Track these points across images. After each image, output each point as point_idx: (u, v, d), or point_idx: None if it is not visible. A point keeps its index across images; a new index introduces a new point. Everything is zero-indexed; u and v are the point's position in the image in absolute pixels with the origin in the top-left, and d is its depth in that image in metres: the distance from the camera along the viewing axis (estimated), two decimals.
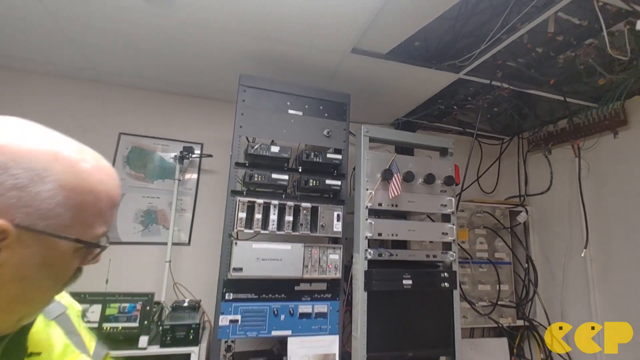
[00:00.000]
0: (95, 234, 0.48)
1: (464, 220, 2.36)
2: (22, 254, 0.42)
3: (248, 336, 1.39)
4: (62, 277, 0.49)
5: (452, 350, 1.67)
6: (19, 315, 0.47)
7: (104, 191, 0.49)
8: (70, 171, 0.46)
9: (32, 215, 0.42)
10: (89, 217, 0.47)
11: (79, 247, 0.47)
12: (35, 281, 0.45)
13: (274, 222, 1.43)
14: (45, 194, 0.43)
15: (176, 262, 1.98)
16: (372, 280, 1.55)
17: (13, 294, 0.44)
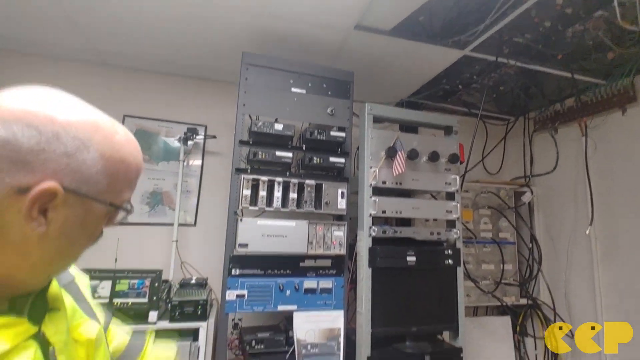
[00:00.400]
0: (123, 199, 0.55)
1: (468, 201, 2.36)
2: (67, 214, 0.47)
3: (254, 310, 1.42)
4: (93, 236, 0.54)
5: (456, 325, 1.69)
6: (55, 268, 0.53)
7: (133, 162, 0.55)
8: (107, 142, 0.51)
9: (78, 179, 0.47)
10: (120, 184, 0.52)
11: (111, 210, 0.53)
12: (74, 239, 0.50)
13: (278, 200, 1.44)
14: (90, 162, 0.48)
15: (183, 242, 2.01)
16: (377, 257, 1.56)
17: (57, 249, 0.49)
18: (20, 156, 0.43)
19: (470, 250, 2.30)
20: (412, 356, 1.57)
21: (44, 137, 0.45)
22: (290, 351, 1.46)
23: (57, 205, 0.46)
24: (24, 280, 0.49)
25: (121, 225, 1.75)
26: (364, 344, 1.52)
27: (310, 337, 1.47)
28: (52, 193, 0.45)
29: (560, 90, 2.22)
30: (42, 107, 0.47)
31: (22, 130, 0.44)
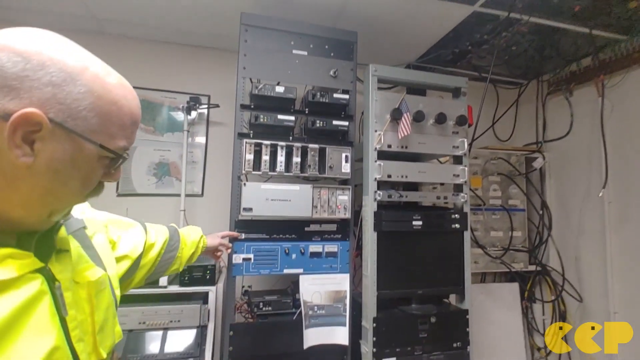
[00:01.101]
0: (117, 145, 0.53)
1: (477, 168, 2.32)
2: (54, 148, 0.47)
3: (261, 273, 1.44)
4: (87, 182, 0.54)
5: (462, 288, 1.69)
6: (50, 208, 0.52)
7: (126, 106, 0.54)
8: (98, 81, 0.50)
9: (64, 112, 0.47)
10: (112, 127, 0.52)
11: (103, 154, 0.52)
12: (65, 178, 0.50)
13: (281, 164, 1.42)
14: (76, 95, 0.48)
15: (190, 212, 2.03)
16: (382, 221, 1.56)
17: (46, 185, 0.48)
18: (6, 82, 0.44)
19: (478, 218, 2.28)
20: (417, 317, 1.59)
21: (30, 64, 0.45)
22: (297, 313, 1.48)
23: (44, 137, 0.46)
24: (21, 217, 0.50)
25: (130, 197, 1.83)
26: (369, 305, 1.54)
27: (317, 299, 1.50)
28: (36, 122, 0.45)
29: (576, 48, 2.11)
30: (32, 40, 0.47)
31: (9, 56, 0.44)
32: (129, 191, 2.00)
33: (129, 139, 0.56)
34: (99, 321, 0.59)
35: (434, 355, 1.60)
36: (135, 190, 2.01)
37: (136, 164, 2.03)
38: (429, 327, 1.61)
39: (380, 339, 1.53)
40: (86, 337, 0.56)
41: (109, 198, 1.95)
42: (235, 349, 1.40)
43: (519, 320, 2.35)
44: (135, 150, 2.03)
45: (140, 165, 2.04)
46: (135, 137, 0.59)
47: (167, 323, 1.55)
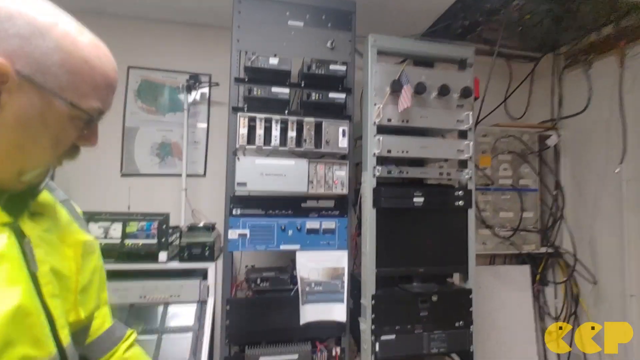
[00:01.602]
0: (90, 106, 0.52)
1: (486, 146, 2.22)
2: (22, 102, 0.46)
3: (257, 249, 1.44)
4: (59, 142, 0.52)
5: (466, 267, 1.64)
6: (19, 166, 0.50)
7: (99, 66, 0.52)
8: (68, 38, 0.49)
9: (32, 66, 0.46)
10: (84, 87, 0.50)
11: (74, 114, 0.50)
12: (34, 134, 0.49)
13: (276, 138, 1.40)
14: (45, 50, 0.47)
15: (193, 192, 2.04)
16: (381, 197, 1.51)
17: (14, 140, 0.47)
18: None
19: (487, 198, 2.20)
20: (418, 296, 1.56)
21: None
22: (294, 289, 1.48)
23: (10, 89, 0.45)
24: None
25: (133, 177, 1.80)
26: (368, 283, 1.51)
27: (314, 275, 1.48)
28: (1, 72, 0.44)
29: (596, 16, 1.96)
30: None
31: None
32: (132, 171, 2.02)
33: (103, 101, 0.54)
34: (82, 281, 0.59)
35: (435, 334, 1.56)
36: (138, 171, 2.03)
37: (139, 145, 2.04)
38: (430, 305, 1.57)
39: (379, 317, 1.51)
40: (67, 295, 0.56)
41: (113, 178, 1.97)
42: (232, 323, 1.41)
43: (530, 304, 2.28)
44: (138, 130, 2.04)
45: (143, 146, 2.05)
46: (111, 101, 0.57)
47: (167, 298, 1.57)
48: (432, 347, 1.56)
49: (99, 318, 0.72)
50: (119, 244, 1.52)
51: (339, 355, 1.49)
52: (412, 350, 1.54)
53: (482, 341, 2.15)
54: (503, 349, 2.19)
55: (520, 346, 2.21)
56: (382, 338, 1.50)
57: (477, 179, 2.15)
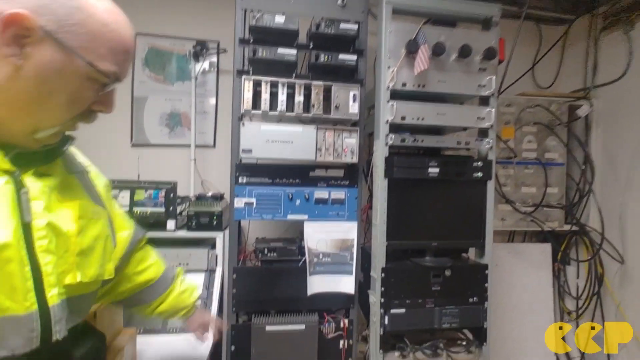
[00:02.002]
0: (107, 68, 0.54)
1: (510, 117, 2.08)
2: (44, 56, 0.48)
3: (264, 218, 1.40)
4: (75, 102, 0.54)
5: (482, 242, 1.56)
6: (35, 121, 0.52)
7: (117, 31, 0.55)
8: (90, 1, 0.52)
9: (55, 23, 0.48)
10: (101, 49, 0.52)
11: (92, 74, 0.53)
12: (52, 89, 0.51)
13: (283, 103, 1.33)
14: (68, 9, 0.49)
15: (203, 163, 2.02)
16: (393, 167, 1.44)
17: (33, 92, 0.50)
18: None
19: (508, 172, 2.08)
20: (430, 270, 1.50)
21: None
22: (302, 260, 1.44)
23: (34, 42, 0.48)
24: (4, 119, 0.50)
25: (144, 147, 1.79)
26: (378, 255, 1.46)
27: (322, 246, 1.44)
28: (27, 26, 0.47)
29: None
30: None
31: None
32: (142, 141, 2.01)
33: (120, 66, 0.56)
34: (82, 245, 0.58)
35: (447, 309, 1.51)
36: (148, 141, 2.02)
37: (148, 115, 2.02)
38: (443, 280, 1.51)
39: (389, 290, 1.47)
40: (64, 254, 0.55)
41: (123, 148, 1.97)
42: (238, 291, 1.40)
43: (549, 283, 2.19)
44: (147, 100, 2.01)
45: (153, 116, 2.03)
46: (127, 68, 0.59)
47: (176, 266, 1.57)
48: (443, 322, 1.51)
49: (151, 269, 0.90)
50: (128, 211, 1.52)
51: (347, 327, 1.47)
52: (422, 324, 1.50)
53: (496, 319, 2.09)
54: (519, 327, 2.12)
55: (537, 325, 2.14)
56: (391, 311, 1.47)
57: (499, 152, 2.03)
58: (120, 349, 1.09)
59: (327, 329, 1.45)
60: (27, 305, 0.48)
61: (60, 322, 0.52)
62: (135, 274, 0.87)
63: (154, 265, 0.92)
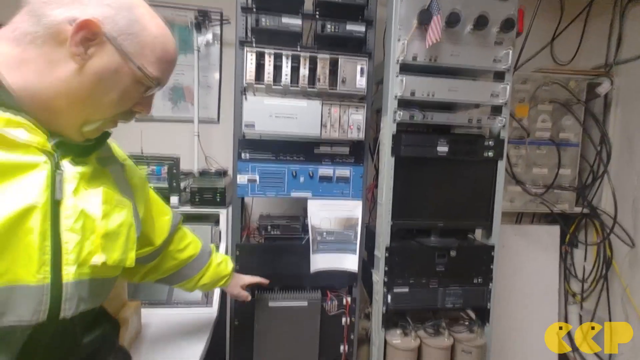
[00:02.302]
0: (153, 74, 0.61)
1: (525, 94, 1.99)
2: (104, 57, 0.56)
3: (267, 195, 1.38)
4: (122, 100, 0.61)
5: (490, 223, 1.53)
6: (86, 115, 0.59)
7: (165, 42, 0.63)
8: (146, 17, 0.60)
9: (116, 31, 0.57)
10: (150, 56, 0.60)
11: (139, 78, 0.60)
12: (107, 87, 0.58)
13: (287, 76, 1.27)
14: (128, 21, 0.58)
15: (206, 139, 1.99)
16: (401, 145, 1.39)
17: (91, 88, 0.57)
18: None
19: (520, 152, 2.01)
20: (435, 250, 1.48)
21: None
22: (306, 239, 1.43)
23: (97, 45, 0.55)
24: (61, 109, 0.56)
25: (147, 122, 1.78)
26: (383, 235, 1.45)
27: (326, 224, 1.43)
28: (94, 31, 0.54)
29: None
30: None
31: None
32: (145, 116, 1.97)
33: (162, 73, 0.63)
34: (107, 228, 0.60)
35: (450, 289, 1.51)
36: (151, 116, 1.98)
37: None
38: (448, 260, 1.50)
39: (393, 269, 1.46)
40: (89, 235, 0.57)
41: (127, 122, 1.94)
42: (241, 268, 1.40)
43: (556, 265, 2.16)
44: None
45: None
46: (168, 78, 0.67)
47: None
48: (447, 302, 1.51)
49: (190, 247, 1.02)
50: None
51: (349, 304, 1.47)
52: (425, 303, 1.50)
53: (501, 300, 2.09)
54: (522, 308, 2.12)
55: (541, 306, 2.13)
56: (394, 290, 1.46)
57: (511, 132, 1.96)
58: (125, 322, 1.11)
59: (329, 306, 1.46)
60: (40, 277, 0.49)
61: (70, 301, 0.53)
62: (178, 251, 0.99)
63: (192, 243, 1.04)
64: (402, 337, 1.49)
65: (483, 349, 1.52)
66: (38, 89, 0.54)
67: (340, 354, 1.50)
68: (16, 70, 0.53)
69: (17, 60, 0.53)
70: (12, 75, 0.52)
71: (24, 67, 0.53)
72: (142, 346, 1.16)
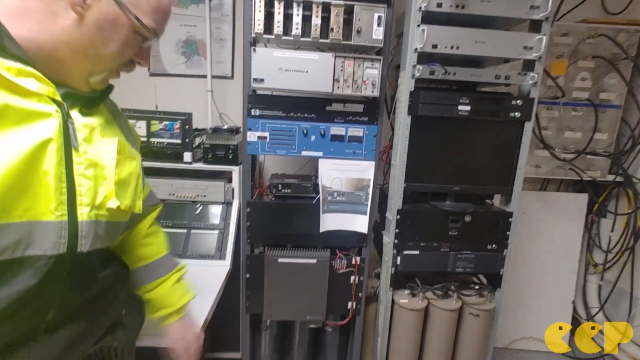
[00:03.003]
0: (149, 24, 0.62)
1: (564, 49, 1.80)
2: (102, 7, 0.57)
3: (277, 154, 1.36)
4: (123, 50, 0.62)
5: (509, 189, 1.46)
6: (91, 65, 0.61)
7: None
8: None
9: None
10: (146, 7, 0.61)
11: (137, 28, 0.61)
12: (107, 37, 0.59)
13: (297, 26, 1.19)
14: None
15: (220, 95, 1.96)
16: (419, 102, 1.31)
17: (92, 38, 0.58)
18: None
19: (552, 114, 1.86)
20: (449, 214, 1.44)
21: None
22: (317, 198, 1.42)
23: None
24: (66, 59, 0.58)
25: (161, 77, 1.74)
26: (395, 197, 1.41)
27: (337, 184, 1.40)
28: None
29: None
30: None
31: None
32: (159, 71, 1.95)
33: (157, 24, 0.64)
34: (120, 175, 0.64)
35: (462, 254, 1.48)
36: (165, 70, 1.95)
37: (163, 42, 1.92)
38: (462, 225, 1.46)
39: (404, 232, 1.44)
40: (103, 182, 0.61)
41: (141, 78, 1.92)
42: (252, 224, 1.42)
43: (579, 234, 2.07)
44: None
45: (168, 43, 1.93)
46: (163, 29, 0.67)
47: (194, 196, 1.62)
48: (457, 266, 1.49)
49: (155, 245, 0.88)
50: (146, 142, 1.53)
51: (358, 264, 1.48)
52: (435, 267, 1.49)
53: (516, 266, 2.06)
54: (538, 275, 2.08)
55: (558, 275, 2.08)
56: (404, 252, 1.46)
57: (544, 91, 1.81)
58: None
59: (338, 265, 1.47)
60: (58, 214, 0.54)
61: (86, 237, 0.58)
62: (141, 243, 0.85)
63: (159, 244, 0.89)
64: (409, 298, 1.51)
65: (491, 313, 1.52)
66: (42, 40, 0.55)
67: (348, 310, 1.54)
68: (19, 21, 0.54)
69: (19, 9, 0.54)
70: (15, 25, 0.53)
71: (26, 18, 0.54)
72: None
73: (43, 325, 0.57)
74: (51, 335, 0.59)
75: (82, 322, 0.64)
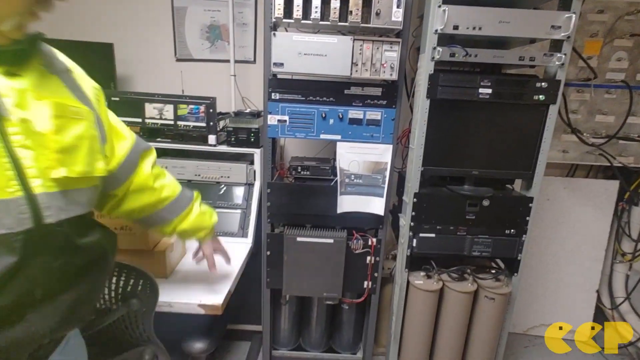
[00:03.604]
0: None
1: (599, 26, 1.71)
2: None
3: (296, 137, 1.40)
4: None
5: (531, 174, 1.43)
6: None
7: None
8: None
9: None
10: None
11: None
12: None
13: (317, 9, 1.20)
14: None
15: (243, 79, 2.01)
16: (438, 85, 1.30)
17: None
18: None
19: (583, 96, 1.78)
20: (467, 198, 1.44)
21: None
22: (335, 181, 1.46)
23: None
24: None
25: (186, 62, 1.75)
26: (412, 180, 1.43)
27: (354, 167, 1.43)
28: None
29: None
30: None
31: None
32: (185, 56, 2.02)
33: None
34: (62, 143, 0.58)
35: (479, 238, 1.48)
36: (191, 55, 2.02)
37: (189, 27, 1.98)
38: (480, 209, 1.45)
39: (420, 215, 1.46)
40: (43, 151, 0.56)
41: (167, 62, 2.00)
42: (272, 204, 1.49)
43: (608, 223, 2.01)
44: (187, 10, 1.96)
45: (193, 29, 1.99)
46: None
47: (218, 178, 1.69)
48: (474, 249, 1.50)
49: (169, 185, 0.95)
50: (173, 125, 1.61)
51: (374, 245, 1.52)
52: (451, 249, 1.50)
53: (539, 252, 2.03)
54: (562, 263, 2.05)
55: (583, 263, 2.04)
56: (420, 235, 1.48)
57: (577, 72, 1.73)
58: (171, 246, 1.26)
59: (355, 245, 1.52)
60: (11, 191, 0.52)
61: (49, 209, 0.56)
62: (154, 189, 0.90)
63: (170, 184, 0.96)
64: (425, 279, 1.54)
65: (507, 297, 1.52)
66: None
67: (364, 289, 1.59)
68: None
69: None
70: None
71: None
72: (183, 268, 1.32)
73: (38, 297, 0.57)
74: (49, 303, 0.59)
75: (77, 289, 0.64)
